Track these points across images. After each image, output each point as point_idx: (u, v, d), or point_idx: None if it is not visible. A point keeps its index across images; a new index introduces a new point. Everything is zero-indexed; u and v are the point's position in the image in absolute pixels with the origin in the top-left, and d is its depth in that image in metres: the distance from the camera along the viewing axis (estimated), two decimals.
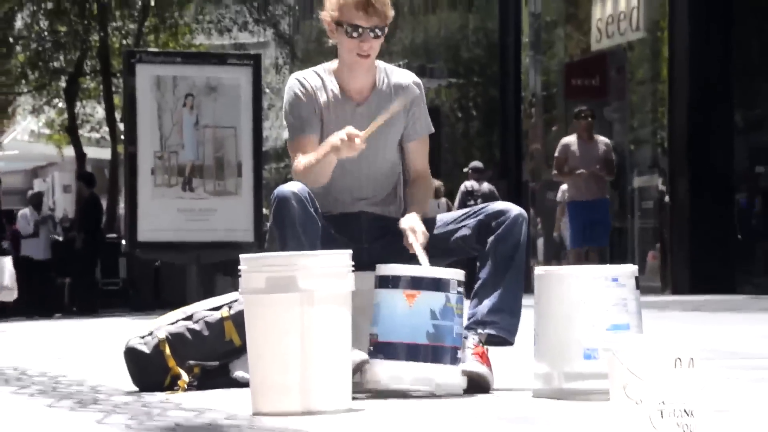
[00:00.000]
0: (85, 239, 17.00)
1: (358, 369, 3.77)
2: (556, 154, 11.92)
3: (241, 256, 3.62)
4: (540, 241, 19.62)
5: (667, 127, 15.55)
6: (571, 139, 11.95)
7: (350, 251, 3.67)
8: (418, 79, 4.36)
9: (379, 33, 4.15)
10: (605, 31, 17.61)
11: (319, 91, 4.23)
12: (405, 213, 4.21)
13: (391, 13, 4.19)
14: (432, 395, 3.80)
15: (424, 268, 3.84)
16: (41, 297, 17.30)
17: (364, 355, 3.80)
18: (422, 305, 3.76)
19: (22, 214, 17.63)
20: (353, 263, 3.63)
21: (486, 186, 15.72)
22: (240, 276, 3.61)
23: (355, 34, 4.13)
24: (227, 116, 13.85)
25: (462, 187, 15.84)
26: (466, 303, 3.96)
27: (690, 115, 14.64)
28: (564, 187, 13.88)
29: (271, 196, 4.06)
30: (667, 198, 15.27)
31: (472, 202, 15.14)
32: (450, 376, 3.79)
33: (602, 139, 12.08)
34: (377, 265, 3.88)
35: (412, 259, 4.11)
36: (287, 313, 3.50)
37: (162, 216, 13.60)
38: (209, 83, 13.86)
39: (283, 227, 3.97)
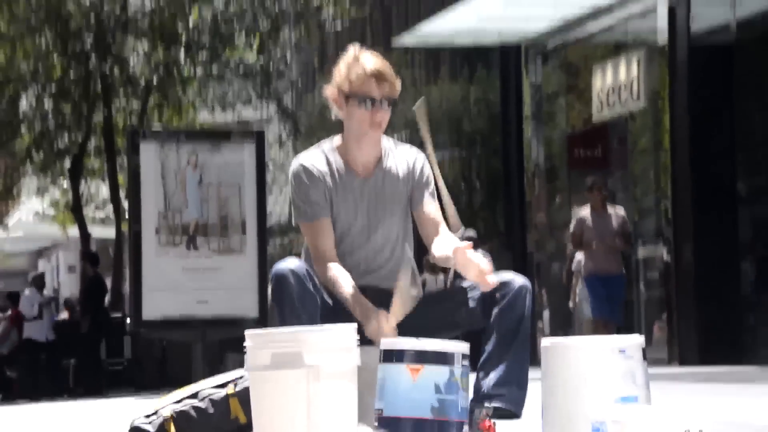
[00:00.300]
0: (90, 319, 16.99)
1: None
2: (572, 230, 11.98)
3: (247, 332, 3.61)
4: (546, 313, 19.56)
5: (671, 196, 15.58)
6: (585, 213, 11.94)
7: (355, 325, 3.66)
8: (421, 153, 4.39)
9: (390, 103, 4.18)
10: (606, 101, 17.71)
11: (327, 174, 4.23)
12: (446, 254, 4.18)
13: (399, 83, 4.23)
14: None
15: (428, 342, 3.83)
16: (46, 379, 17.24)
17: (370, 431, 3.78)
18: (426, 379, 3.74)
19: (26, 296, 17.63)
20: (358, 337, 3.61)
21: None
22: (245, 352, 3.59)
23: (369, 104, 4.14)
24: (231, 174, 13.91)
25: None
26: (471, 376, 3.93)
27: (693, 182, 14.67)
28: (579, 256, 13.80)
29: (270, 273, 4.06)
30: (670, 262, 15.25)
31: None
32: None
33: (617, 210, 12.08)
34: (381, 340, 3.86)
35: (417, 333, 4.09)
36: (293, 389, 3.48)
37: (167, 278, 13.60)
38: (213, 142, 14.02)
39: (282, 304, 3.98)
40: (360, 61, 4.17)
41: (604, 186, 12.19)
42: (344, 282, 4.13)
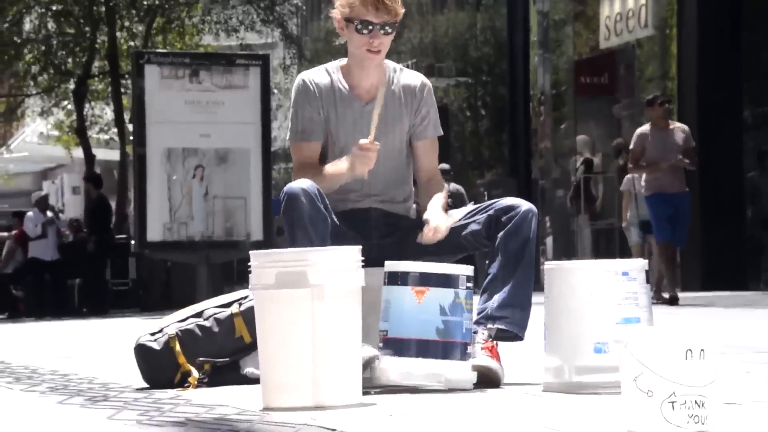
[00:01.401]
0: (94, 240, 17.04)
1: (368, 365, 3.77)
2: (632, 146, 11.09)
3: (251, 252, 3.62)
4: (549, 240, 19.61)
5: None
6: (646, 129, 11.06)
7: (360, 246, 3.68)
8: (427, 81, 4.38)
9: (390, 30, 4.16)
10: (614, 29, 17.60)
11: (327, 90, 4.24)
12: (424, 208, 4.22)
13: (401, 10, 4.21)
14: (444, 390, 3.79)
15: (433, 265, 3.84)
16: (51, 298, 17.34)
17: (374, 351, 3.81)
18: (431, 301, 3.77)
19: (29, 216, 17.67)
20: (363, 259, 3.63)
21: (453, 186, 15.84)
22: (250, 272, 3.61)
23: (365, 31, 4.14)
24: (237, 186, 13.82)
25: None
26: (476, 298, 3.95)
27: (699, 111, 14.63)
28: (631, 175, 12.98)
29: (281, 193, 4.06)
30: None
31: None
32: (460, 371, 3.79)
33: (680, 126, 11.21)
34: (386, 262, 3.88)
35: (422, 256, 4.11)
36: (297, 309, 3.49)
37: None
38: (218, 153, 13.82)
39: (293, 224, 3.98)
40: None
41: (668, 100, 11.21)
42: (324, 172, 4.14)
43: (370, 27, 4.14)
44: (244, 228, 13.78)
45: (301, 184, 4.01)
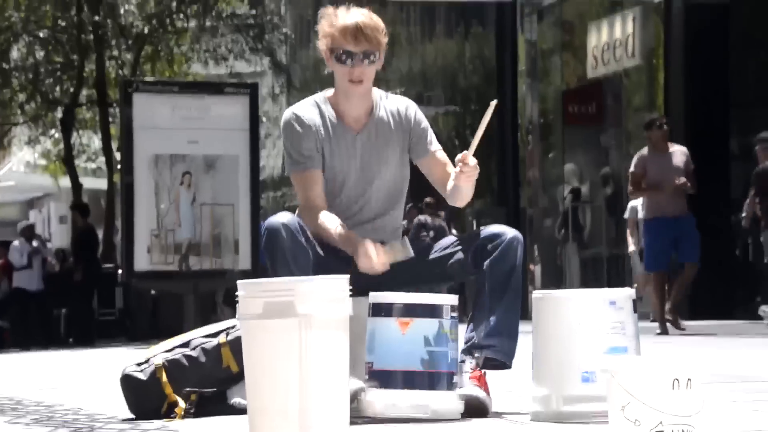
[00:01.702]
0: (81, 269, 17.00)
1: (355, 397, 3.76)
2: (632, 169, 10.87)
3: (239, 282, 3.61)
4: (537, 268, 19.61)
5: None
6: (645, 152, 10.90)
7: (348, 276, 3.67)
8: (412, 102, 4.39)
9: (372, 59, 4.16)
10: (601, 58, 17.68)
11: (317, 124, 4.24)
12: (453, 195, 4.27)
13: (384, 39, 4.20)
14: (431, 420, 3.78)
15: (417, 296, 3.84)
16: (37, 328, 17.27)
17: (360, 383, 3.79)
18: (416, 332, 3.76)
19: (14, 246, 17.62)
20: (351, 288, 3.62)
21: (437, 221, 15.88)
22: (237, 302, 3.60)
23: (347, 61, 4.14)
24: (225, 193, 13.79)
25: (416, 221, 15.98)
26: (461, 327, 3.95)
27: (687, 141, 14.66)
28: (634, 203, 12.97)
29: (262, 227, 4.06)
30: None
31: (424, 234, 15.39)
32: (446, 401, 3.78)
33: (679, 148, 11.02)
34: (370, 294, 3.87)
35: (410, 285, 4.11)
36: (285, 338, 3.48)
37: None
38: (206, 160, 13.80)
39: (274, 258, 3.99)
40: (339, 16, 4.16)
41: (666, 123, 10.94)
42: (333, 223, 4.15)
43: (351, 57, 4.15)
44: (232, 235, 13.76)
45: (281, 218, 4.02)
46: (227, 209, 13.75)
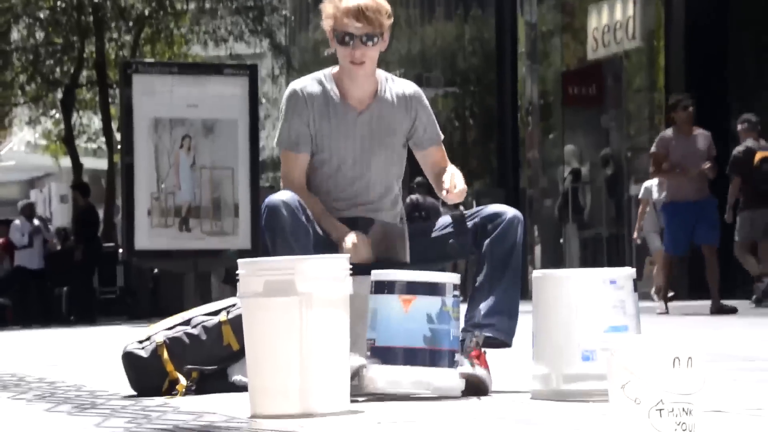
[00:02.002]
0: (82, 248, 17.02)
1: (356, 374, 3.77)
2: (654, 149, 10.65)
3: (239, 261, 3.62)
4: (537, 249, 19.63)
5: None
6: (669, 133, 10.68)
7: (348, 255, 3.68)
8: (418, 88, 4.39)
9: (375, 41, 4.16)
10: (601, 40, 17.66)
11: (319, 100, 4.24)
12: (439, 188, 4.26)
13: (387, 21, 4.19)
14: (432, 398, 3.80)
15: (419, 273, 3.85)
16: (38, 307, 17.30)
17: (362, 360, 3.81)
18: (418, 310, 3.77)
19: (15, 225, 17.63)
20: (351, 267, 3.63)
21: (430, 200, 15.87)
22: (238, 280, 3.61)
23: (348, 42, 4.15)
24: (224, 157, 13.80)
25: (408, 200, 15.99)
26: (462, 306, 3.96)
27: None
28: (649, 183, 12.74)
29: (262, 205, 4.07)
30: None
31: (416, 214, 15.44)
32: (448, 379, 3.79)
33: (703, 132, 10.75)
34: (372, 271, 3.88)
35: (408, 264, 4.12)
36: (286, 316, 3.50)
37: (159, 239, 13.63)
38: (206, 124, 13.80)
39: (274, 236, 3.99)
40: None
41: (692, 104, 10.66)
42: (314, 206, 4.16)
43: (352, 39, 4.15)
44: (231, 198, 13.79)
45: (281, 196, 4.03)
46: (226, 173, 13.79)
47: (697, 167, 10.44)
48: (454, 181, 4.14)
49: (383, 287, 3.82)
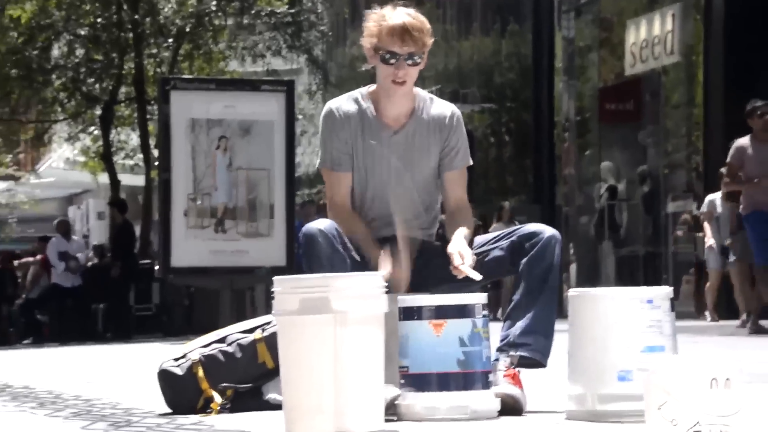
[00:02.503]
0: (119, 265, 17.09)
1: (391, 404, 3.76)
2: (729, 159, 10.15)
3: (275, 278, 3.62)
4: (573, 267, 19.55)
5: (702, 151, 15.49)
6: (745, 142, 10.15)
7: (383, 273, 3.67)
8: (457, 110, 4.37)
9: (416, 60, 4.16)
10: (639, 55, 17.59)
11: (354, 118, 4.24)
12: (449, 240, 4.20)
13: (429, 41, 4.20)
14: (466, 419, 3.78)
15: (447, 297, 3.84)
16: (75, 323, 17.38)
17: (396, 390, 3.79)
18: (451, 333, 3.76)
19: (52, 243, 17.73)
20: (386, 285, 3.62)
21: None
22: (274, 298, 3.61)
23: (391, 61, 4.15)
24: (261, 158, 13.85)
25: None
26: (492, 325, 3.94)
27: (726, 139, 14.57)
28: (713, 197, 12.30)
29: (299, 233, 4.08)
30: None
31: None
32: (484, 401, 3.77)
33: None
34: (399, 297, 3.86)
35: (445, 283, 4.10)
36: (320, 335, 3.49)
37: (195, 250, 13.67)
38: (242, 125, 13.87)
39: (311, 264, 4.01)
40: (387, 16, 4.17)
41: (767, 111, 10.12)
42: (357, 226, 4.16)
43: (396, 58, 4.15)
44: (267, 199, 13.84)
45: (319, 224, 4.04)
46: (263, 174, 13.84)
47: None
48: (462, 254, 4.07)
49: (412, 313, 3.80)
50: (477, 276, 4.00)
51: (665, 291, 3.74)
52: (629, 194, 18.20)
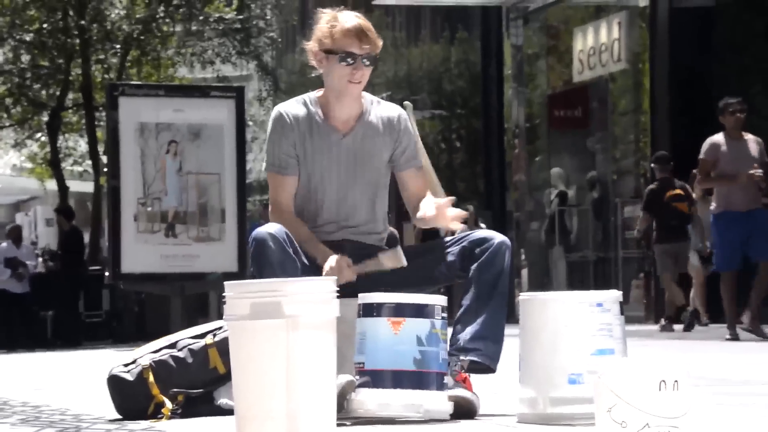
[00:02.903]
0: (68, 272, 16.96)
1: (344, 392, 3.76)
2: (702, 156, 9.93)
3: (226, 283, 3.61)
4: (524, 272, 19.63)
5: (650, 157, 15.61)
6: (719, 138, 9.92)
7: (335, 277, 3.68)
8: (404, 112, 4.39)
9: (372, 61, 4.19)
10: (587, 62, 17.71)
11: (303, 122, 4.25)
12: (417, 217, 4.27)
13: (380, 42, 4.24)
14: (418, 421, 3.79)
15: (407, 296, 3.85)
16: (23, 330, 17.21)
17: (350, 376, 3.80)
18: (408, 332, 3.77)
19: (1, 249, 17.55)
20: (338, 289, 3.63)
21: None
22: (224, 303, 3.60)
23: (350, 61, 4.15)
24: (211, 163, 13.80)
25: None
26: (449, 329, 3.96)
27: (673, 145, 14.71)
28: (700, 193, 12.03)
29: (249, 237, 4.08)
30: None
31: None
32: (438, 402, 3.79)
33: (753, 137, 10.03)
34: (360, 294, 3.88)
35: (396, 288, 4.12)
36: (272, 339, 3.48)
37: (146, 256, 13.59)
38: (192, 129, 13.81)
39: (262, 269, 4.00)
40: (342, 18, 4.20)
41: (744, 108, 9.96)
42: (300, 229, 4.17)
43: (354, 58, 4.16)
44: (218, 204, 13.79)
45: (269, 228, 4.04)
46: (213, 178, 13.79)
47: (746, 174, 9.70)
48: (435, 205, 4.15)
49: (371, 310, 3.81)
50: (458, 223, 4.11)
51: (615, 295, 3.78)
52: (579, 200, 18.31)
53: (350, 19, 4.19)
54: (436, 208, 4.16)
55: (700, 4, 15.11)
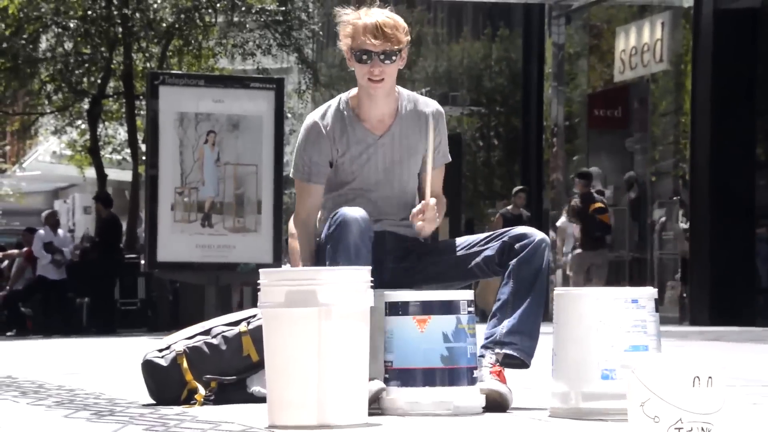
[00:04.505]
0: (104, 259, 17.06)
1: (376, 397, 3.77)
2: None
3: (261, 270, 3.63)
4: (559, 272, 19.57)
5: (689, 159, 15.53)
6: None
7: (370, 267, 3.69)
8: (441, 108, 4.37)
9: (392, 58, 4.15)
10: (628, 62, 17.62)
11: (337, 128, 4.22)
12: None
13: (405, 38, 4.19)
14: (451, 415, 3.79)
15: (432, 293, 3.85)
16: (59, 317, 17.33)
17: (381, 384, 3.80)
18: (434, 329, 3.77)
19: (39, 235, 17.66)
20: (374, 280, 3.63)
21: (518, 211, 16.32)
22: (259, 290, 3.61)
23: (365, 59, 4.14)
24: (249, 154, 13.85)
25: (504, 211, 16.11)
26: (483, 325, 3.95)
27: (713, 148, 14.63)
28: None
29: (334, 214, 4.03)
30: (686, 227, 15.21)
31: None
32: (468, 397, 3.79)
33: None
34: (385, 292, 3.87)
35: (434, 282, 4.12)
36: (305, 328, 3.50)
37: (182, 245, 13.66)
38: (231, 120, 13.85)
39: (337, 249, 3.97)
40: (360, 16, 4.18)
41: None
42: (301, 240, 4.16)
43: (369, 56, 4.14)
44: (255, 195, 13.84)
45: (355, 213, 4.00)
46: (251, 169, 13.83)
47: None
48: (425, 210, 4.10)
49: (397, 309, 3.82)
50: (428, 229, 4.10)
51: (650, 291, 3.76)
52: (616, 200, 18.23)
53: (369, 16, 4.16)
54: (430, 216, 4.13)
55: (745, 6, 15.00)
